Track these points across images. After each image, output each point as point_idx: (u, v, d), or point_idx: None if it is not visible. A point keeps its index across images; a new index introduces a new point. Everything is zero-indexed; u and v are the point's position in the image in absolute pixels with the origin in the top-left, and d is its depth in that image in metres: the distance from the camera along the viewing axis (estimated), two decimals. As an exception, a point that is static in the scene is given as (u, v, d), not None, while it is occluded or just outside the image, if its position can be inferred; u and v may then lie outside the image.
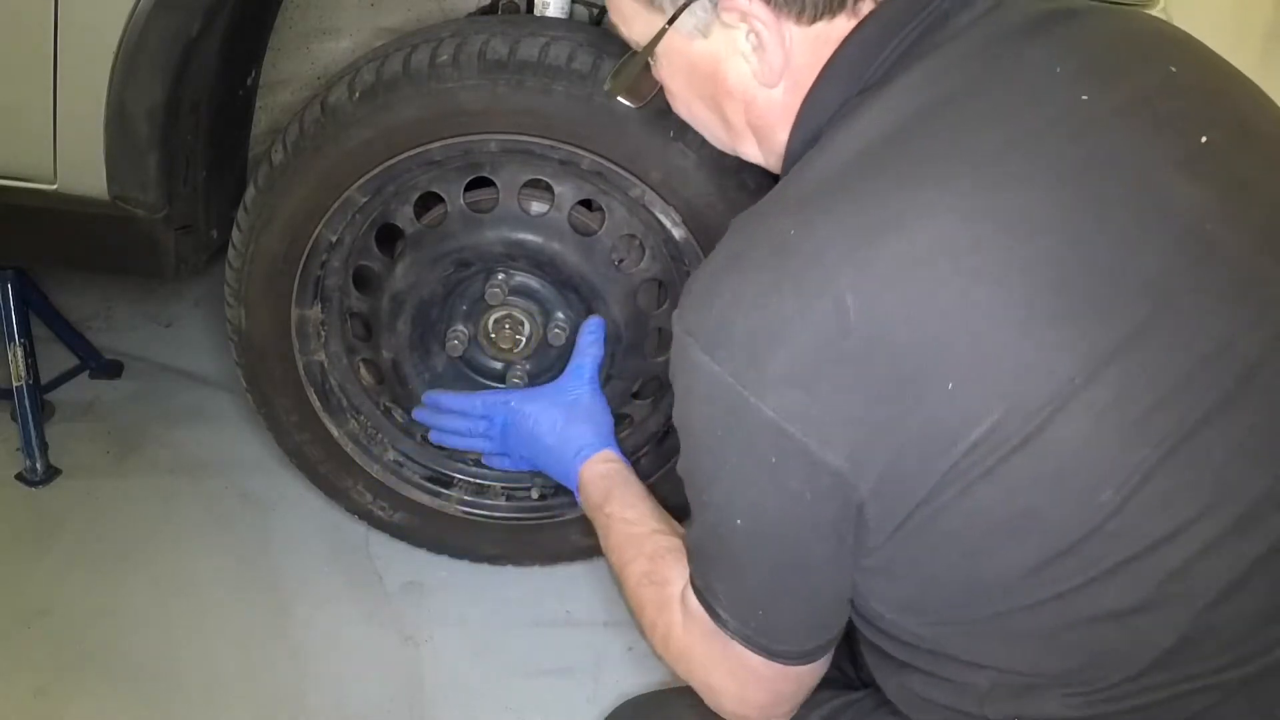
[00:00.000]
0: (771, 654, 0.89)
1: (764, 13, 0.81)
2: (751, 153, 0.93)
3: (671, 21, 0.84)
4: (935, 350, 0.71)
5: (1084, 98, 0.78)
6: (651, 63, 0.92)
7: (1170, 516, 0.72)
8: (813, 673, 0.94)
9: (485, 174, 1.30)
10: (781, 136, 0.88)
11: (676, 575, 1.01)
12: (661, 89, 0.95)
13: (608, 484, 1.21)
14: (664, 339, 1.40)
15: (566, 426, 1.27)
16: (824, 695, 1.03)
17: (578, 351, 1.31)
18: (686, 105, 0.93)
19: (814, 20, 0.82)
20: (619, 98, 0.96)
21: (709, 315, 0.77)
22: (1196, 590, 0.73)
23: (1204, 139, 0.79)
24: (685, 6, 0.83)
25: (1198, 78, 0.85)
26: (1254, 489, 0.73)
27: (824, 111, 0.84)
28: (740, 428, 0.75)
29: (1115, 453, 0.72)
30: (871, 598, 0.85)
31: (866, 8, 0.83)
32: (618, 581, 1.14)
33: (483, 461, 1.43)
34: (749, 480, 0.78)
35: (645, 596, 1.05)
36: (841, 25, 0.83)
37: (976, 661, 0.82)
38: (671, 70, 0.90)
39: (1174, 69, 0.83)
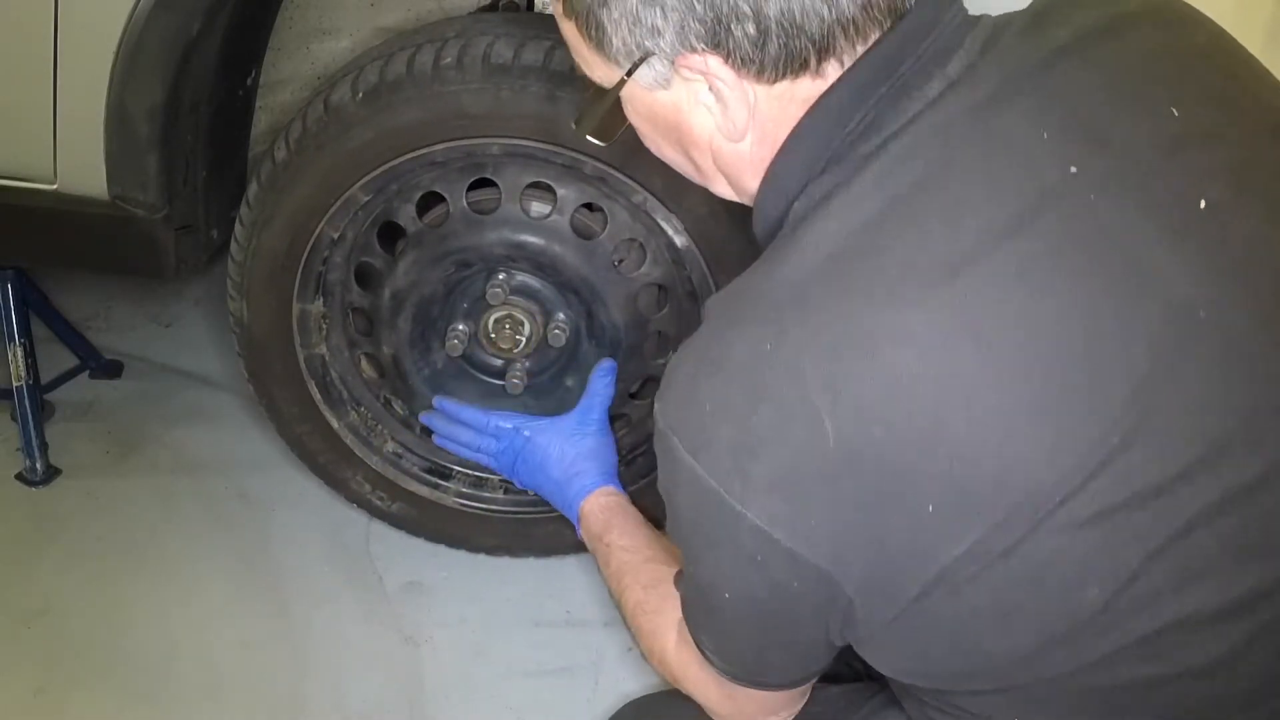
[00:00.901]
0: (758, 686, 0.92)
1: (724, 72, 0.77)
2: (725, 191, 0.90)
3: (630, 73, 0.81)
4: (913, 475, 0.69)
5: (1072, 170, 0.73)
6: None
7: (1157, 614, 0.72)
8: (803, 692, 0.97)
9: (488, 175, 1.30)
10: (751, 184, 0.85)
11: (669, 608, 1.04)
12: (630, 126, 0.91)
13: (608, 516, 1.26)
14: (663, 342, 1.40)
15: (574, 463, 1.33)
16: (825, 691, 1.04)
17: (590, 392, 1.36)
18: (655, 146, 0.91)
19: (776, 80, 0.78)
20: (588, 136, 0.92)
21: (691, 418, 0.75)
22: (1191, 669, 0.74)
23: (1203, 203, 0.74)
24: (642, 61, 0.79)
25: (1203, 106, 0.78)
26: (1247, 580, 0.72)
27: (791, 183, 0.81)
28: (725, 527, 0.75)
29: (1100, 556, 0.71)
30: (868, 654, 0.84)
31: (832, 70, 0.78)
32: (616, 603, 1.18)
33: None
34: (736, 567, 0.78)
35: (640, 624, 1.11)
36: (806, 86, 0.78)
37: (983, 713, 0.83)
38: (636, 115, 0.87)
39: (1175, 111, 0.77)
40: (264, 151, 1.34)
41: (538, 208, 1.31)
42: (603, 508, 1.29)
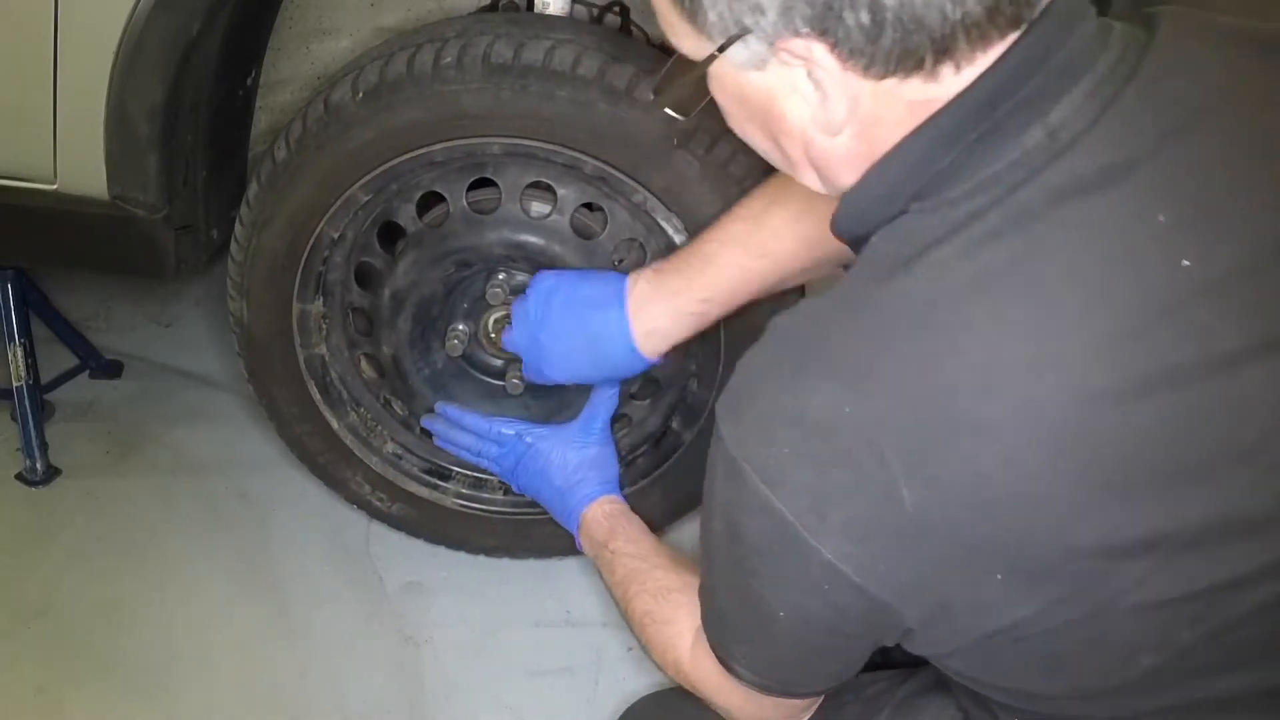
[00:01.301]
0: (788, 695, 0.92)
1: (828, 61, 0.70)
2: (812, 182, 0.83)
3: (722, 49, 0.73)
4: (984, 548, 0.71)
5: (1185, 264, 0.68)
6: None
7: (1207, 686, 0.75)
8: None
9: (488, 175, 1.29)
10: (846, 179, 0.79)
11: (682, 617, 1.04)
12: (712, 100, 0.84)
13: (611, 523, 1.26)
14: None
15: (575, 471, 1.33)
16: (865, 678, 1.04)
17: (593, 402, 1.36)
18: (741, 127, 0.83)
19: (884, 77, 0.71)
20: (668, 111, 0.86)
21: (768, 457, 0.74)
22: None
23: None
24: (737, 38, 0.72)
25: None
26: None
27: (881, 203, 0.76)
28: (795, 556, 0.75)
29: (1158, 632, 0.73)
30: (922, 652, 0.85)
31: (947, 73, 0.70)
32: (622, 613, 1.18)
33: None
34: (798, 592, 0.78)
35: (650, 634, 1.10)
36: (915, 88, 0.71)
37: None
38: (722, 93, 0.80)
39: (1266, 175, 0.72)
40: (264, 151, 1.34)
41: (538, 207, 1.31)
42: (606, 515, 1.28)
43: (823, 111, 0.74)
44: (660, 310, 1.19)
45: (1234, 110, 0.73)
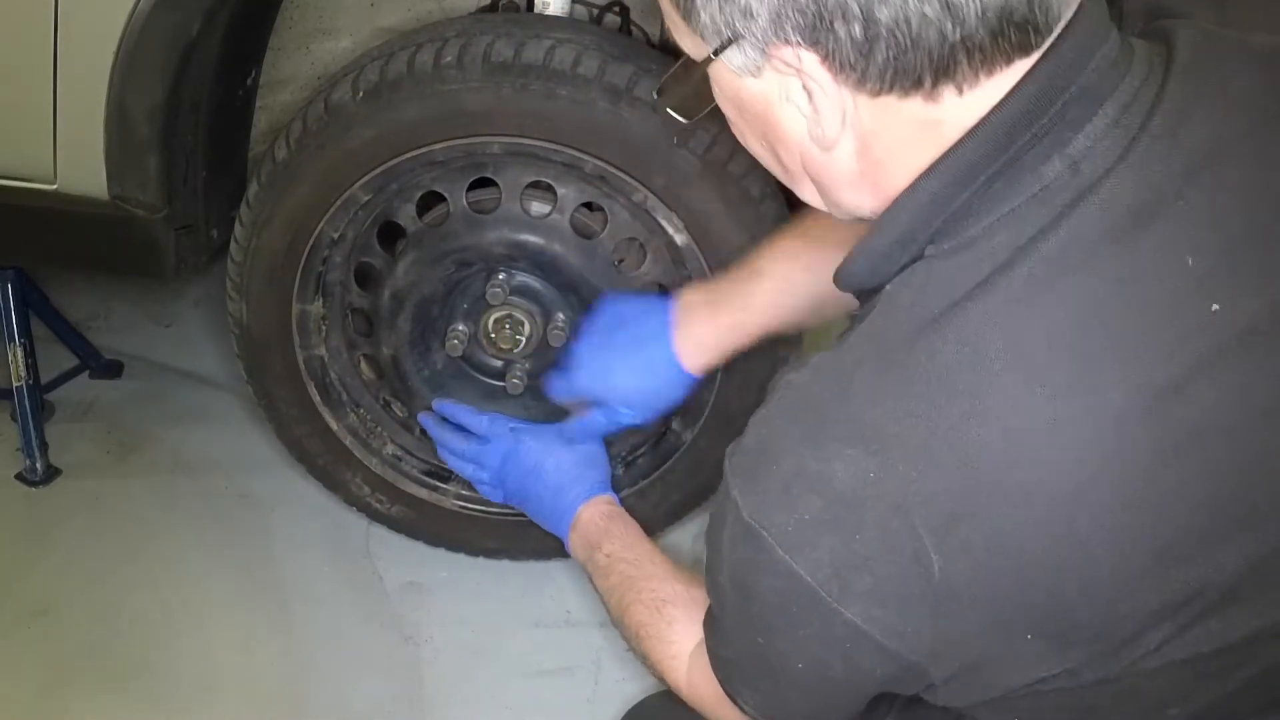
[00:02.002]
0: None
1: (819, 73, 0.68)
2: (812, 197, 0.81)
3: (717, 53, 0.71)
4: (1014, 611, 0.69)
5: (1214, 308, 0.66)
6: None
7: None
8: None
9: (488, 174, 1.29)
10: (846, 197, 0.77)
11: (678, 634, 1.02)
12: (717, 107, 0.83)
13: (607, 524, 1.22)
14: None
15: (570, 469, 1.30)
16: None
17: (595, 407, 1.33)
18: (742, 136, 0.82)
19: (879, 93, 0.68)
20: (668, 111, 0.85)
21: (788, 523, 0.71)
22: None
23: None
24: (730, 44, 0.70)
25: None
26: None
27: (911, 237, 0.72)
28: (816, 620, 0.73)
29: (1187, 684, 0.72)
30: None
31: (949, 95, 0.68)
32: (615, 622, 1.15)
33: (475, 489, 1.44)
34: (817, 650, 0.76)
35: (647, 650, 1.07)
36: (917, 107, 0.69)
37: None
38: (723, 98, 0.78)
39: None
40: (265, 151, 1.34)
41: (538, 207, 1.31)
42: (603, 515, 1.25)
43: (815, 126, 0.72)
44: (701, 318, 1.19)
45: (1257, 141, 0.70)
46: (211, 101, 1.35)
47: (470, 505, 1.51)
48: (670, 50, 1.36)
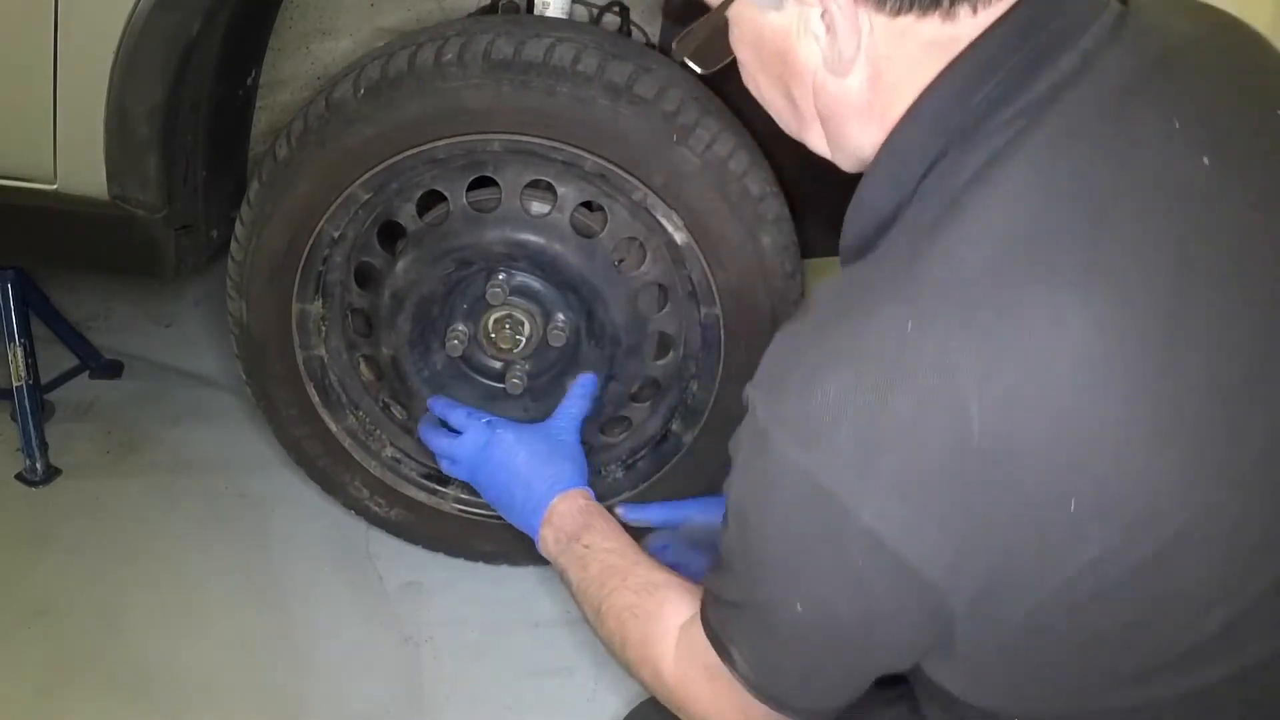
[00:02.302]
0: (782, 707, 0.84)
1: None
2: (817, 143, 0.84)
3: None
4: (1061, 470, 0.66)
5: (1205, 161, 0.71)
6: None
7: (1275, 645, 0.72)
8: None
9: (488, 173, 1.30)
10: (853, 132, 0.80)
11: (668, 613, 0.97)
12: (733, 60, 0.87)
13: (586, 517, 1.17)
14: (664, 342, 1.40)
15: (548, 459, 1.25)
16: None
17: (567, 400, 1.34)
18: (754, 80, 0.85)
19: (899, 13, 0.72)
20: (686, 60, 0.88)
21: (807, 410, 0.69)
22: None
23: None
24: None
25: None
26: None
27: (921, 155, 0.75)
28: (829, 534, 0.70)
29: (1232, 576, 0.70)
30: (944, 681, 0.80)
31: (964, 14, 0.72)
32: (591, 616, 1.08)
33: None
34: (825, 584, 0.73)
35: (629, 632, 1.01)
36: (933, 28, 0.73)
37: None
38: (741, 39, 0.82)
39: (1273, 81, 0.79)
40: (266, 149, 1.34)
41: (538, 206, 1.31)
42: (579, 509, 1.19)
43: (831, 51, 0.75)
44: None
45: (1202, 52, 0.78)
46: (211, 101, 1.35)
47: (470, 509, 1.51)
48: (670, 50, 1.36)
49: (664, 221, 1.27)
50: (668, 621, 0.96)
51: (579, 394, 1.35)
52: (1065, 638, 0.71)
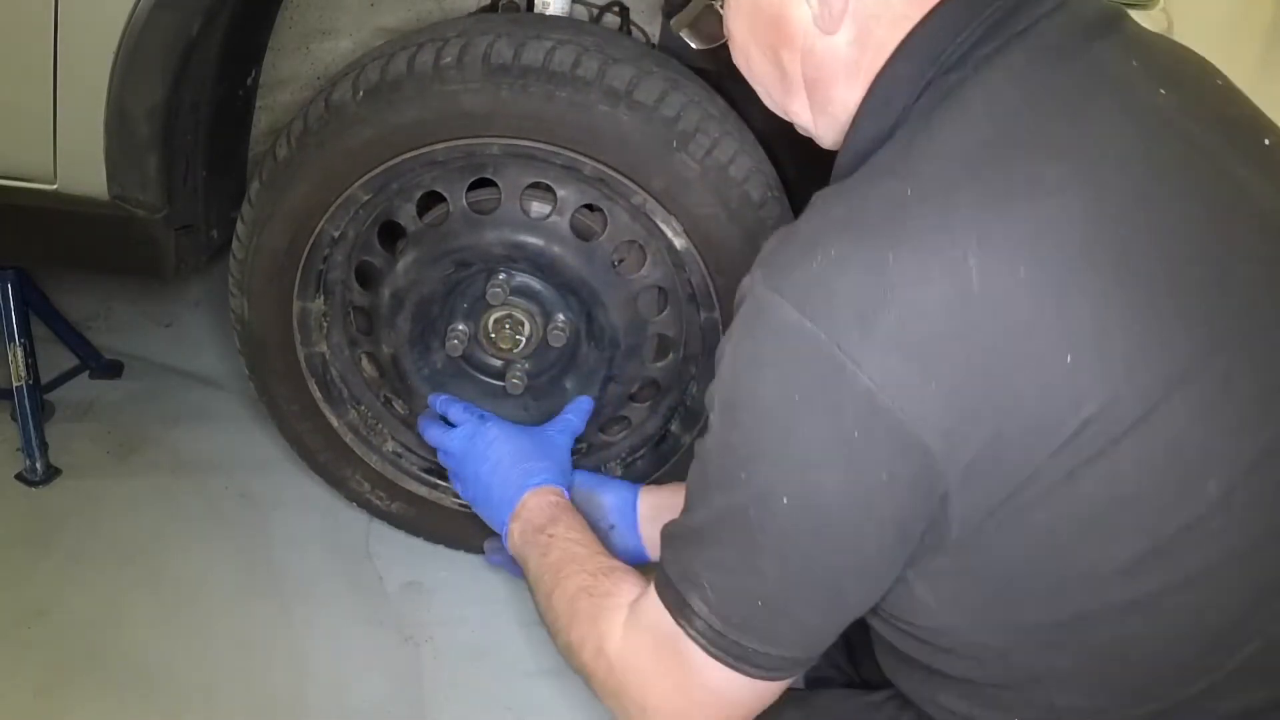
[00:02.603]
0: (739, 661, 0.81)
1: None
2: (801, 113, 0.88)
3: None
4: (1058, 322, 0.68)
5: (1161, 92, 0.78)
6: (720, 7, 0.91)
7: (1271, 516, 0.72)
8: (772, 693, 0.86)
9: (488, 175, 1.29)
10: (838, 94, 0.84)
11: (623, 590, 0.95)
12: (724, 42, 0.93)
13: (555, 511, 1.16)
14: (663, 344, 1.40)
15: (529, 456, 1.25)
16: (827, 697, 1.01)
17: (566, 412, 1.35)
18: (745, 54, 0.90)
19: None
20: (683, 34, 0.95)
21: (806, 273, 0.71)
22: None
23: (1266, 141, 0.81)
24: None
25: (1237, 93, 0.87)
26: None
27: (905, 90, 0.79)
28: (824, 395, 0.69)
29: (1222, 441, 0.70)
30: (931, 604, 0.79)
31: None
32: (543, 600, 1.06)
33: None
34: (817, 455, 0.71)
35: (579, 608, 0.98)
36: None
37: (1035, 678, 0.78)
38: (736, 11, 0.88)
39: (1219, 82, 0.86)
40: (266, 149, 1.34)
41: (537, 208, 1.31)
42: (551, 504, 1.18)
43: (822, 9, 0.80)
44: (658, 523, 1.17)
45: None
46: (211, 101, 1.35)
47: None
48: (671, 51, 1.36)
49: (664, 227, 1.27)
50: (621, 598, 0.94)
51: (577, 410, 1.36)
52: (1061, 514, 0.71)
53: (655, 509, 1.25)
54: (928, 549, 0.75)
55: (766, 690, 0.85)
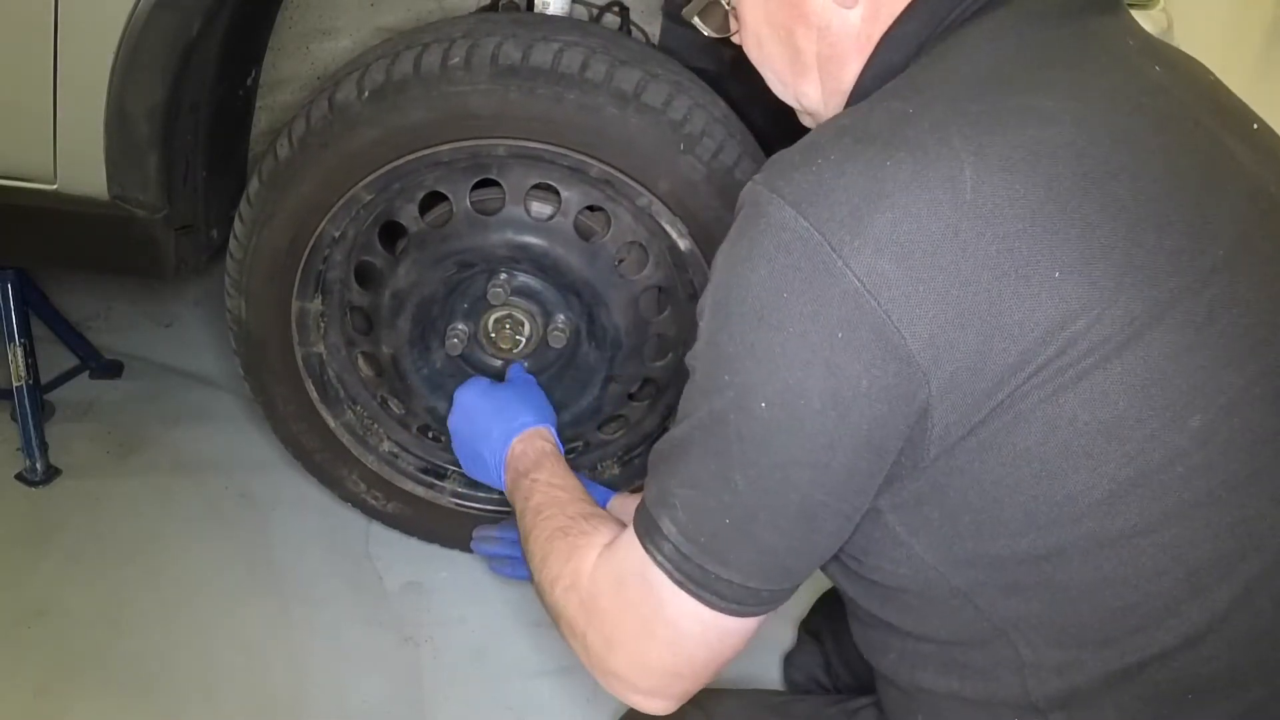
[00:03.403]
0: (701, 589, 0.80)
1: None
2: (812, 94, 0.90)
3: None
4: (1047, 238, 0.69)
5: (1156, 68, 0.80)
6: None
7: (1251, 459, 0.72)
8: (734, 637, 0.83)
9: (492, 176, 1.29)
10: (849, 71, 0.86)
11: (601, 533, 0.94)
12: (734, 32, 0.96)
13: (540, 457, 1.16)
14: (663, 344, 1.40)
15: (511, 403, 1.26)
16: (808, 705, 1.01)
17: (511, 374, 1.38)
18: (756, 37, 0.91)
19: None
20: (694, 20, 0.97)
21: (806, 173, 0.72)
22: (1269, 544, 0.73)
23: (1255, 125, 0.84)
24: None
25: (1226, 88, 0.89)
26: None
27: (906, 46, 0.82)
28: (812, 291, 0.70)
29: (1204, 375, 0.71)
30: (902, 537, 0.78)
31: None
32: (523, 541, 1.05)
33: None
34: (800, 356, 0.71)
35: (554, 547, 0.97)
36: None
37: (1008, 623, 0.77)
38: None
39: (1211, 77, 0.88)
40: (267, 148, 1.34)
41: (540, 209, 1.31)
42: (538, 450, 1.18)
43: None
44: None
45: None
46: (211, 101, 1.35)
47: (466, 502, 1.52)
48: (671, 52, 1.36)
49: (668, 228, 1.27)
50: (597, 538, 0.94)
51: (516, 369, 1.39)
52: (1041, 438, 0.71)
53: (627, 516, 1.24)
54: (904, 472, 0.75)
55: (728, 631, 0.83)
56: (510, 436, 1.22)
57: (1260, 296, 0.74)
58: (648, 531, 0.83)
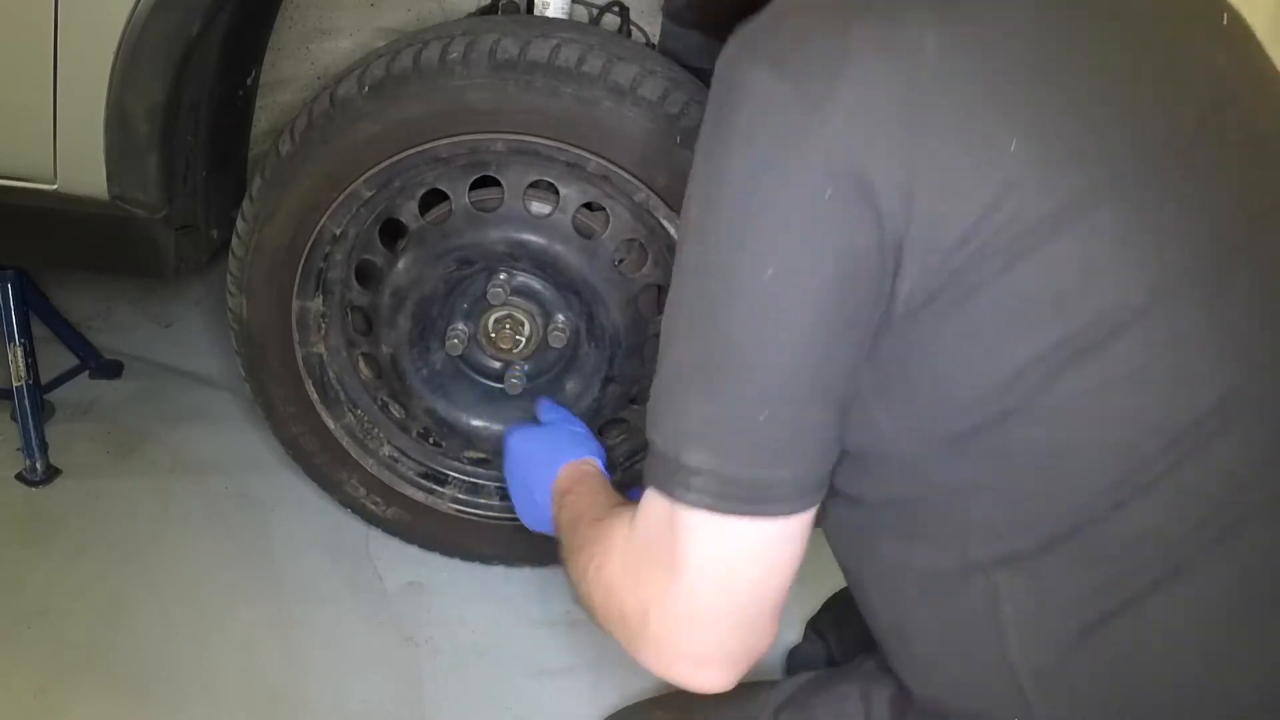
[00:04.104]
0: (756, 505, 0.76)
1: None
2: None
3: None
4: (1004, 112, 0.71)
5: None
6: None
7: (1195, 332, 0.73)
8: (794, 541, 0.79)
9: (491, 173, 1.30)
10: None
11: (630, 515, 0.88)
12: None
13: (581, 475, 1.12)
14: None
15: (562, 443, 1.21)
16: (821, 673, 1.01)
17: (548, 416, 1.31)
18: None
19: None
20: None
21: (776, 37, 0.74)
22: (1207, 430, 0.73)
23: (1224, 17, 0.84)
24: None
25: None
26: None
27: None
28: (790, 150, 0.71)
29: (1149, 249, 0.72)
30: (871, 407, 0.78)
31: None
32: (564, 545, 1.02)
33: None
34: (794, 220, 0.72)
35: (590, 535, 0.94)
36: None
37: (965, 484, 0.77)
38: None
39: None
40: (269, 146, 1.34)
41: (539, 206, 1.31)
42: (577, 470, 1.14)
43: None
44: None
45: None
46: (211, 101, 1.36)
47: (466, 509, 1.51)
48: (670, 52, 1.36)
49: (667, 224, 1.27)
50: (627, 516, 0.88)
51: (551, 408, 1.32)
52: (991, 308, 0.72)
53: None
54: (878, 332, 0.76)
55: (781, 537, 0.79)
56: (564, 462, 1.16)
57: (1220, 179, 0.76)
58: (671, 475, 0.78)
